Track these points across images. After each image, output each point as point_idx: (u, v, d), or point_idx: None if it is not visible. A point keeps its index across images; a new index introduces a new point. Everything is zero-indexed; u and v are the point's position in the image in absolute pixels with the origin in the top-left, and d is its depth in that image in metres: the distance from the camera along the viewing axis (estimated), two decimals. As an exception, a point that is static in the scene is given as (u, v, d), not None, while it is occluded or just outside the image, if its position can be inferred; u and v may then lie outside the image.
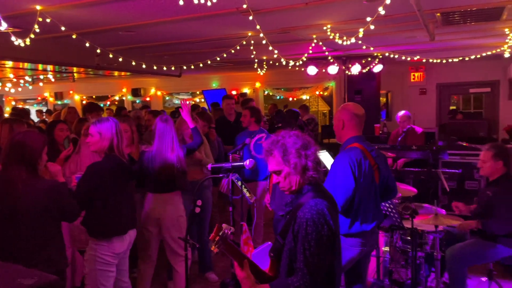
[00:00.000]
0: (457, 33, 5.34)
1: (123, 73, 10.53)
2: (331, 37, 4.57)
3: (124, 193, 3.19)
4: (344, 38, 4.39)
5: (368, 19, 3.18)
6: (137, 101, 13.37)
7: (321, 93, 10.54)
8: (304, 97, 10.82)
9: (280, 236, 2.10)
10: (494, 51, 6.53)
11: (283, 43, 5.56)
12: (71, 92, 13.59)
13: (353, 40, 4.00)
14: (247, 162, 2.41)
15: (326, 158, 4.16)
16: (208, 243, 5.09)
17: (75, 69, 9.47)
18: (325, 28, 4.60)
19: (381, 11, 2.87)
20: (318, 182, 2.10)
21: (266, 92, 11.14)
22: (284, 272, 2.02)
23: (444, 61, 7.37)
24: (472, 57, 7.20)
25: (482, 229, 3.72)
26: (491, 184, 3.90)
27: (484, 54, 6.71)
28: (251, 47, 5.29)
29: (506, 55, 6.47)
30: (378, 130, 7.68)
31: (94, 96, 13.77)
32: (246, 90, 11.24)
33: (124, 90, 13.08)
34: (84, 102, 13.39)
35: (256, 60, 6.41)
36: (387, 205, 3.71)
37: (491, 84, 8.89)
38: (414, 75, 9.32)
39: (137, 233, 3.38)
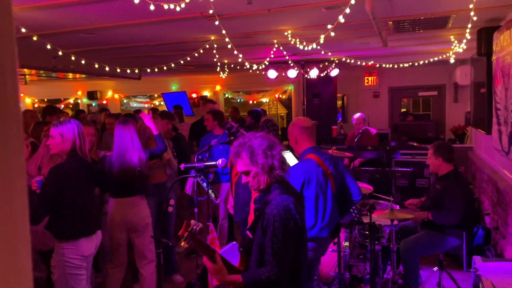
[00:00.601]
0: (407, 40, 5.69)
1: (78, 75, 10.25)
2: (292, 42, 4.75)
3: (91, 193, 3.19)
4: (304, 43, 4.57)
5: (329, 26, 3.37)
6: (93, 104, 13.03)
7: (280, 96, 10.76)
8: (264, 100, 11.02)
9: (249, 231, 2.22)
10: (440, 57, 6.99)
11: (246, 47, 5.69)
12: (21, 95, 13.03)
13: (314, 45, 4.19)
14: (220, 161, 2.50)
15: (289, 158, 4.32)
16: (173, 245, 5.13)
17: (26, 71, 9.14)
18: (286, 33, 4.77)
19: (341, 19, 3.05)
20: (285, 180, 2.24)
21: (226, 95, 11.22)
22: (254, 266, 2.13)
23: (395, 66, 7.79)
24: (421, 62, 7.66)
25: (432, 221, 4.02)
26: (440, 179, 4.21)
27: (431, 60, 7.16)
28: (214, 51, 5.38)
29: (451, 60, 6.95)
30: (335, 132, 7.99)
31: (46, 99, 13.29)
32: (207, 93, 11.27)
33: (79, 93, 12.72)
34: (36, 105, 12.88)
35: (218, 64, 6.49)
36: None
37: (438, 88, 9.47)
38: (367, 79, 9.75)
39: (105, 238, 3.37)
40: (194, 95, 11.38)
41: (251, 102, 10.93)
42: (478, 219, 5.36)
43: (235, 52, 4.73)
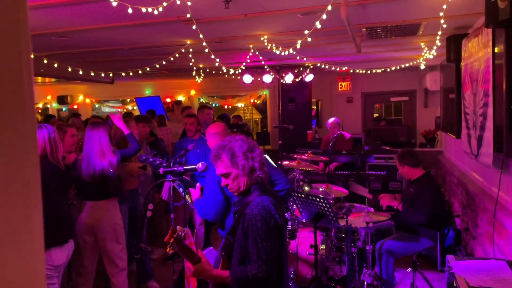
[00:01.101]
0: (380, 46, 5.83)
1: (47, 80, 10.00)
2: (268, 47, 4.79)
3: (63, 200, 3.12)
4: (280, 48, 4.62)
5: (306, 32, 3.41)
6: (64, 109, 12.72)
7: (255, 101, 10.81)
8: (239, 105, 11.04)
9: (229, 234, 2.22)
10: (411, 63, 7.19)
11: (222, 52, 5.69)
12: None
13: (291, 50, 4.23)
14: (199, 165, 2.49)
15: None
16: (149, 251, 5.05)
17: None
18: (262, 38, 4.81)
19: (318, 25, 3.11)
20: (264, 182, 2.25)
21: (201, 100, 11.17)
22: (236, 268, 2.13)
23: (368, 71, 7.95)
24: (393, 68, 7.86)
25: (403, 221, 4.14)
26: (413, 183, 4.33)
27: (403, 66, 7.35)
28: (190, 55, 5.36)
29: (422, 67, 7.15)
30: (310, 136, 8.07)
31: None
32: (181, 97, 11.20)
33: (49, 97, 12.39)
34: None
35: (194, 68, 6.46)
36: (324, 204, 3.96)
37: (409, 93, 9.72)
38: (341, 84, 9.91)
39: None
40: (168, 100, 11.28)
41: (226, 107, 10.92)
42: (448, 221, 5.53)
43: (212, 56, 4.73)
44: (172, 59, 5.38)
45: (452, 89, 6.28)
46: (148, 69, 6.22)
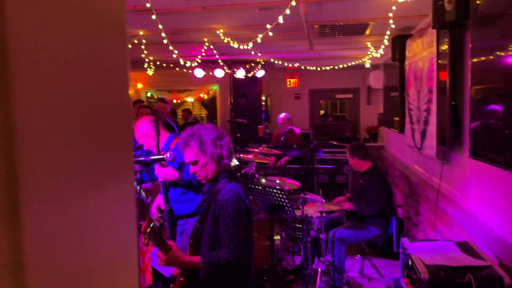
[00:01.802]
0: (330, 44, 6.05)
1: None
2: (225, 41, 4.81)
3: None
4: (236, 43, 4.66)
5: (268, 26, 3.48)
6: None
7: (203, 96, 10.75)
8: (189, 99, 10.92)
9: (198, 222, 2.25)
10: (357, 62, 7.52)
11: (176, 44, 5.62)
12: None
13: (250, 45, 4.29)
14: (167, 154, 2.47)
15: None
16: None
17: None
18: (218, 32, 4.82)
19: (280, 19, 3.18)
20: (231, 170, 2.30)
21: (149, 94, 10.92)
22: (206, 253, 2.16)
23: (317, 69, 8.19)
24: (340, 66, 8.18)
25: (355, 211, 4.36)
26: (362, 175, 4.57)
27: (349, 64, 7.67)
28: (142, 46, 5.25)
29: (367, 65, 7.51)
30: (261, 131, 8.20)
31: None
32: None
33: None
34: None
35: (146, 60, 6.33)
36: (281, 195, 4.08)
37: (354, 91, 10.15)
38: (290, 81, 10.13)
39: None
40: (114, 93, 10.91)
41: (175, 101, 10.76)
42: (392, 211, 5.88)
43: (171, 47, 4.67)
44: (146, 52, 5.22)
45: (394, 87, 6.66)
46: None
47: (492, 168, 2.60)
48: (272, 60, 6.71)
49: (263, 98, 10.03)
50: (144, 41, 5.11)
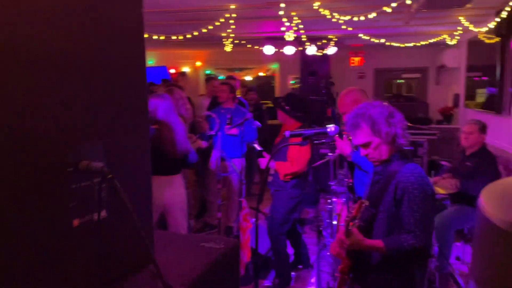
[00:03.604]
0: (421, 19, 5.68)
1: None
2: (324, 14, 4.57)
3: None
4: (338, 15, 4.43)
5: None
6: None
7: (264, 74, 10.59)
8: (247, 78, 10.78)
9: (370, 206, 2.09)
10: (438, 39, 7.11)
11: (256, 20, 5.45)
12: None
13: (360, 18, 4.05)
14: (332, 127, 2.33)
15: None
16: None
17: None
18: (314, 5, 4.59)
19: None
20: (403, 149, 2.13)
21: (207, 72, 10.86)
22: (387, 238, 2.02)
23: (387, 43, 7.76)
24: (411, 44, 7.78)
25: (462, 193, 4.12)
26: (470, 156, 4.30)
27: (431, 41, 7.22)
28: (232, 21, 5.10)
29: (453, 42, 7.08)
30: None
31: None
32: (186, 69, 10.84)
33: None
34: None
35: (223, 35, 6.19)
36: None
37: (422, 70, 9.72)
38: (353, 59, 9.80)
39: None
40: (172, 71, 10.90)
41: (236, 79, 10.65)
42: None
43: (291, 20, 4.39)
44: (211, 27, 5.10)
45: (485, 66, 6.27)
46: (181, 37, 5.91)
47: None
48: (363, 35, 6.39)
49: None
50: (233, 15, 4.95)
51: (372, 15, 3.61)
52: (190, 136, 4.20)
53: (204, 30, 5.24)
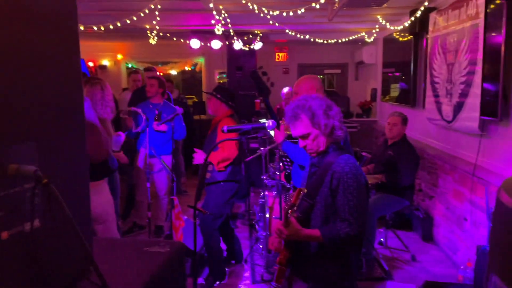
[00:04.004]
0: (342, 16, 5.92)
1: None
2: (251, 8, 4.57)
3: None
4: (267, 10, 4.45)
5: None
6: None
7: (188, 68, 10.40)
8: (173, 72, 10.51)
9: (306, 196, 2.14)
10: (357, 36, 7.48)
11: (184, 12, 5.32)
12: None
13: (284, 14, 4.10)
14: (270, 122, 2.31)
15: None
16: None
17: None
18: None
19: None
20: (339, 141, 2.20)
21: (129, 65, 10.39)
22: (323, 227, 2.07)
23: (311, 39, 8.01)
24: (332, 41, 8.09)
25: (386, 184, 4.39)
26: (392, 146, 4.59)
27: (351, 38, 7.57)
28: (157, 12, 4.91)
29: (367, 39, 7.49)
30: (258, 105, 8.04)
31: None
32: (106, 62, 10.29)
33: None
34: None
35: (147, 27, 5.94)
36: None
37: (342, 66, 10.17)
38: (278, 55, 9.97)
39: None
40: (90, 64, 10.29)
41: (158, 74, 10.30)
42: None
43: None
44: (135, 18, 4.87)
45: (397, 62, 6.72)
46: (102, 28, 5.56)
47: None
48: (289, 31, 6.49)
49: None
50: (159, 6, 4.77)
51: (302, 10, 3.67)
52: (117, 134, 3.97)
53: (128, 21, 4.97)
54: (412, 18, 5.14)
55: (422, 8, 4.92)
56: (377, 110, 8.56)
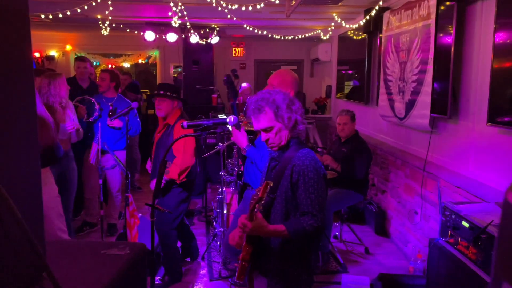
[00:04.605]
0: (300, 13, 5.96)
1: None
2: (209, 0, 4.48)
3: None
4: (224, 4, 4.39)
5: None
6: None
7: (142, 61, 10.10)
8: (126, 65, 10.16)
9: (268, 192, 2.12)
10: (313, 33, 7.56)
11: (138, 3, 5.13)
12: None
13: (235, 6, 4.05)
14: (231, 118, 2.26)
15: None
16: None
17: None
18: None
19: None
20: (301, 136, 2.20)
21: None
22: (280, 222, 2.06)
23: (263, 38, 8.03)
24: (290, 37, 8.15)
25: (341, 176, 4.48)
26: (345, 143, 4.69)
27: (307, 35, 7.65)
28: (109, 2, 4.70)
29: (326, 37, 7.59)
30: (215, 101, 7.96)
31: None
32: (54, 52, 9.78)
33: None
34: None
35: (99, 17, 5.69)
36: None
37: (298, 63, 10.28)
38: (235, 50, 9.91)
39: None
40: (37, 54, 9.74)
41: (110, 66, 9.94)
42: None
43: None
44: (86, 7, 4.64)
45: (352, 60, 6.86)
46: (42, 16, 5.25)
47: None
48: (247, 26, 6.43)
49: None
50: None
51: (261, 5, 3.65)
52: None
53: (78, 10, 4.73)
54: (367, 17, 5.26)
55: (377, 8, 5.04)
56: (332, 106, 8.73)
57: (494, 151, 3.10)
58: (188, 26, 6.38)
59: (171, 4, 5.14)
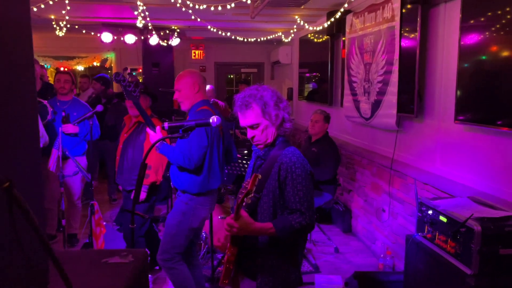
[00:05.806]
0: (263, 15, 5.96)
1: None
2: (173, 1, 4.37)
3: None
4: (191, 4, 4.30)
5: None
6: None
7: (97, 64, 9.75)
8: (79, 68, 9.75)
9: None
10: (274, 36, 7.60)
11: (99, 2, 4.93)
12: None
13: (212, 8, 3.98)
14: (214, 118, 2.17)
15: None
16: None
17: None
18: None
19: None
20: (287, 134, 2.17)
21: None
22: (275, 219, 2.01)
23: (229, 35, 7.99)
24: (252, 40, 8.16)
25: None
26: (315, 143, 4.73)
27: (269, 37, 7.67)
28: (67, 1, 4.48)
29: (288, 39, 7.64)
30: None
31: None
32: (1, 55, 9.21)
33: None
34: None
35: (53, 17, 5.40)
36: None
37: (258, 65, 10.31)
38: (195, 52, 9.79)
39: None
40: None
41: (62, 69, 9.49)
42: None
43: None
44: (42, 6, 4.39)
45: (314, 63, 6.96)
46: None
47: (479, 130, 2.94)
48: (212, 28, 6.33)
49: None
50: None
51: (232, 5, 3.60)
52: None
53: (34, 9, 4.46)
54: (332, 19, 5.33)
55: (342, 10, 5.12)
56: (294, 109, 8.81)
57: (460, 148, 3.22)
58: (150, 27, 6.22)
59: (138, 3, 4.97)
